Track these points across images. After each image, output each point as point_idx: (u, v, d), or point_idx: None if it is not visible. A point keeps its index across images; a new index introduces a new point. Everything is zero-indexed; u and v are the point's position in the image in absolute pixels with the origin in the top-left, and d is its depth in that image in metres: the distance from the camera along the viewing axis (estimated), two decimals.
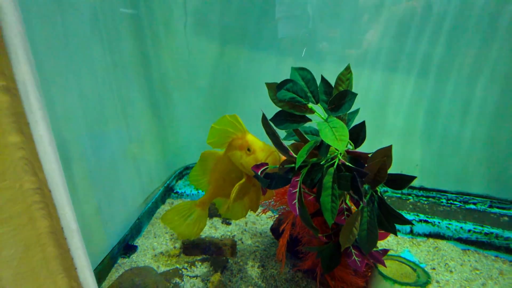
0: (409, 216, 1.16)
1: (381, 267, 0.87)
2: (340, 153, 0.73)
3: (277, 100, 0.72)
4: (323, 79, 0.75)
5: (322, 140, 0.70)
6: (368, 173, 0.69)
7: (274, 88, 0.72)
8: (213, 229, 1.11)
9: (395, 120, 1.30)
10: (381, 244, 1.10)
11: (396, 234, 0.77)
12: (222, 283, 0.83)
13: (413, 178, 0.72)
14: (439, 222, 1.13)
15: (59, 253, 0.47)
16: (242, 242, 1.07)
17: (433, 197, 1.29)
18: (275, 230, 1.06)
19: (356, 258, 0.78)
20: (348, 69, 0.72)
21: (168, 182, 1.29)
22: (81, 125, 0.75)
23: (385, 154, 0.71)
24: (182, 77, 1.29)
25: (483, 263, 1.05)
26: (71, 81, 0.74)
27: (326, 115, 0.72)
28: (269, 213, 1.19)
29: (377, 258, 0.82)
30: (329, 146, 0.71)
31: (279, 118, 0.74)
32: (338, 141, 0.62)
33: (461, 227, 1.11)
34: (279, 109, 0.75)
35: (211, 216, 1.15)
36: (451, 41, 1.16)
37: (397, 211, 0.74)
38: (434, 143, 1.28)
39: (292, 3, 1.22)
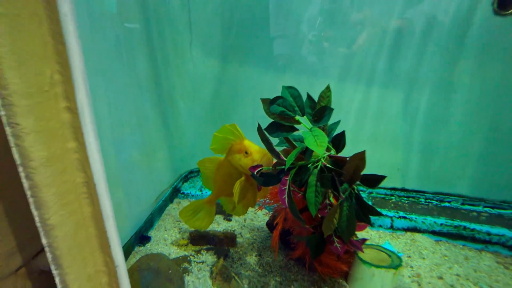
0: (389, 213, 1.28)
1: (360, 254, 0.98)
2: (323, 157, 0.85)
3: (270, 113, 0.84)
4: (308, 96, 0.87)
5: (306, 146, 0.83)
6: (344, 173, 0.81)
7: (268, 103, 0.85)
8: (216, 225, 1.23)
9: (379, 129, 1.41)
10: (364, 236, 1.21)
11: (370, 224, 0.89)
12: (225, 267, 0.95)
13: (383, 177, 0.84)
14: (415, 218, 1.25)
15: (98, 233, 0.59)
16: (242, 236, 1.19)
17: (413, 197, 1.41)
18: (270, 225, 1.18)
19: (337, 245, 0.89)
20: (328, 88, 0.85)
21: (175, 184, 1.41)
22: (107, 133, 0.87)
23: (360, 157, 0.83)
24: (188, 91, 1.42)
25: (452, 251, 1.17)
26: (101, 96, 0.86)
27: (311, 126, 0.85)
28: (265, 211, 1.31)
29: (356, 246, 0.94)
30: (312, 151, 0.83)
31: (271, 128, 0.86)
32: (319, 146, 0.74)
33: (434, 222, 1.23)
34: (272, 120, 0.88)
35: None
36: (426, 58, 1.29)
37: (371, 205, 0.86)
38: (414, 149, 1.40)
39: (287, 24, 1.35)
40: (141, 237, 1.08)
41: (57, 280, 0.54)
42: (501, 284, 1.02)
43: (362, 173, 0.86)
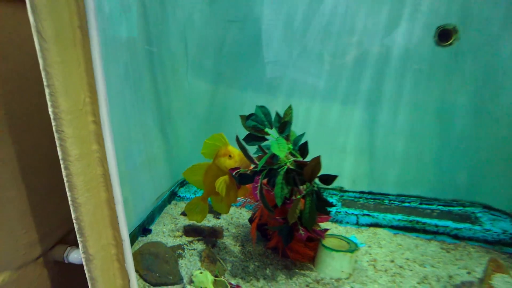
0: (356, 212, 1.45)
1: (324, 241, 1.16)
2: (289, 161, 1.04)
3: (246, 126, 1.04)
4: (276, 113, 1.08)
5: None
6: (301, 173, 1.00)
7: (244, 119, 1.05)
8: (207, 221, 1.40)
9: (350, 140, 1.60)
10: (334, 231, 1.38)
11: (328, 215, 1.07)
12: (212, 252, 1.12)
13: (335, 176, 1.03)
14: (377, 215, 1.43)
15: (110, 213, 0.77)
16: (228, 231, 1.36)
17: (378, 199, 1.59)
18: (251, 220, 1.36)
19: (302, 232, 1.07)
20: (290, 108, 1.05)
21: (173, 188, 1.59)
22: (118, 142, 1.07)
23: (316, 161, 1.02)
24: (184, 109, 1.62)
25: (406, 241, 1.34)
26: (115, 113, 1.07)
27: (277, 136, 1.05)
28: (250, 211, 1.49)
29: (319, 233, 1.12)
30: (279, 156, 1.02)
31: (248, 138, 1.06)
32: (280, 151, 0.94)
33: (393, 218, 1.40)
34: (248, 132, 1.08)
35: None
36: (387, 81, 1.49)
37: (327, 200, 1.05)
38: (379, 157, 1.58)
39: (268, 53, 1.56)
40: (143, 229, 1.26)
41: (80, 246, 0.72)
42: (441, 263, 1.20)
43: (323, 174, 1.06)
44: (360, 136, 1.57)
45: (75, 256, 0.86)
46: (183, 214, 1.44)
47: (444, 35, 1.40)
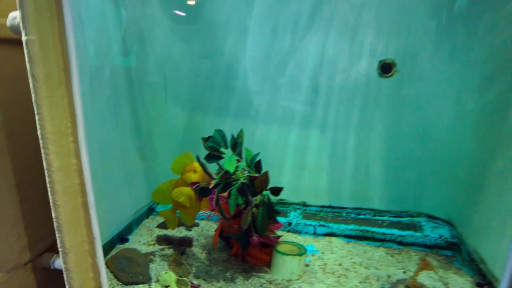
0: (313, 223, 1.63)
1: (278, 247, 1.33)
2: (243, 176, 1.24)
3: (206, 147, 1.25)
4: (232, 135, 1.29)
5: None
6: (251, 186, 1.20)
7: (204, 141, 1.27)
8: (179, 232, 1.57)
9: (311, 160, 1.81)
10: (293, 240, 1.55)
11: (276, 222, 1.26)
12: (178, 256, 1.29)
13: (281, 188, 1.23)
14: (332, 226, 1.60)
15: (84, 215, 0.95)
16: (198, 241, 1.53)
17: (337, 212, 1.77)
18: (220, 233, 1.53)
19: (255, 238, 1.25)
20: (241, 131, 1.26)
21: (150, 204, 1.77)
22: (98, 160, 1.27)
23: (265, 176, 1.22)
24: (163, 134, 1.83)
25: (356, 248, 1.51)
26: (96, 134, 1.27)
27: (231, 154, 1.25)
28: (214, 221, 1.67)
29: (271, 239, 1.30)
30: (232, 171, 1.22)
31: (207, 157, 1.26)
32: (230, 167, 1.14)
33: (346, 228, 1.58)
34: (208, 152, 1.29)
35: (178, 225, 1.62)
36: (343, 108, 1.72)
37: (277, 209, 1.24)
38: (337, 175, 1.78)
39: (235, 84, 1.80)
40: (122, 238, 1.43)
41: (58, 241, 0.90)
42: (384, 266, 1.37)
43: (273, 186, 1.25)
44: (319, 156, 1.78)
45: (60, 262, 1.03)
46: (159, 226, 1.61)
47: (385, 68, 1.65)
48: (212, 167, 1.27)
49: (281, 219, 1.63)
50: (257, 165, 1.29)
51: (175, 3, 1.75)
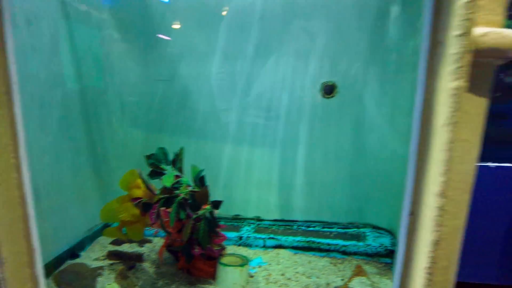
0: (263, 236, 1.73)
1: (223, 259, 1.41)
2: (185, 191, 1.34)
3: (148, 164, 1.36)
4: (175, 153, 1.40)
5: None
6: (188, 200, 1.30)
7: (147, 158, 1.38)
8: (131, 248, 1.64)
9: (263, 176, 1.93)
10: (243, 253, 1.64)
11: (216, 235, 1.36)
12: (124, 269, 1.36)
13: (220, 201, 1.34)
14: (281, 238, 1.71)
15: (24, 227, 1.03)
16: (149, 256, 1.60)
17: (288, 225, 1.88)
18: (168, 246, 1.60)
19: (197, 250, 1.34)
20: (181, 149, 1.38)
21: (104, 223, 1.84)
22: (47, 176, 1.35)
23: (204, 191, 1.32)
24: (119, 153, 1.93)
25: (302, 258, 1.61)
26: (44, 152, 1.36)
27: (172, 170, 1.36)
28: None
29: (214, 252, 1.39)
30: (172, 187, 1.32)
31: (150, 174, 1.36)
32: (167, 182, 1.25)
33: (293, 239, 1.69)
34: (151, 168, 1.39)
35: (130, 241, 1.69)
36: (291, 126, 1.87)
37: (217, 222, 1.34)
38: (288, 190, 1.90)
39: (186, 103, 1.93)
40: (72, 254, 1.50)
41: None
42: (325, 274, 1.47)
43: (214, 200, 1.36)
44: (272, 171, 1.90)
45: None
46: (113, 243, 1.67)
47: (328, 89, 1.81)
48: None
49: (232, 234, 1.73)
50: (201, 181, 1.40)
51: (132, 28, 1.90)
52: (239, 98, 1.89)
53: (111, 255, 1.52)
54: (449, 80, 0.66)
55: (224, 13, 1.83)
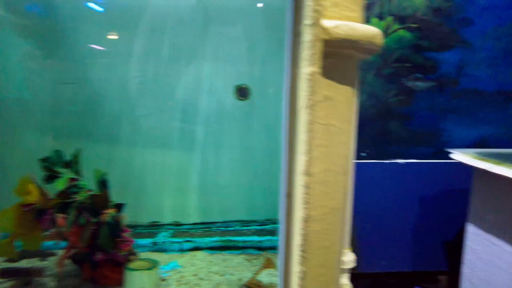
0: (179, 239, 1.69)
1: (132, 264, 1.35)
2: (85, 196, 1.26)
3: (42, 167, 1.26)
4: (71, 155, 1.32)
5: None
6: (92, 204, 1.23)
7: (41, 161, 1.28)
8: (29, 263, 1.49)
9: (182, 180, 1.90)
10: (158, 258, 1.57)
11: (121, 239, 1.29)
12: (16, 285, 1.23)
13: (122, 204, 1.28)
14: (197, 240, 1.69)
15: None
16: (51, 270, 1.46)
17: (207, 227, 1.86)
18: (74, 257, 1.48)
19: (99, 256, 1.26)
20: (78, 151, 1.31)
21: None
22: None
23: (103, 195, 1.26)
24: (23, 161, 1.75)
25: (217, 258, 1.60)
26: None
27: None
28: None
29: (119, 257, 1.32)
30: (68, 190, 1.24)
31: (46, 178, 1.27)
32: (60, 185, 1.17)
33: (210, 240, 1.68)
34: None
35: (32, 256, 1.53)
36: (209, 128, 1.87)
37: (119, 227, 1.28)
38: (205, 192, 1.89)
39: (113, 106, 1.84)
40: None
41: None
42: (239, 271, 1.48)
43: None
44: (189, 175, 1.88)
45: None
46: (7, 260, 1.50)
47: (242, 92, 1.86)
48: None
49: (147, 240, 1.66)
50: (103, 184, 1.33)
51: (37, 31, 1.77)
52: (155, 102, 1.85)
53: (5, 273, 1.35)
54: (305, 66, 0.71)
55: (141, 17, 1.79)
